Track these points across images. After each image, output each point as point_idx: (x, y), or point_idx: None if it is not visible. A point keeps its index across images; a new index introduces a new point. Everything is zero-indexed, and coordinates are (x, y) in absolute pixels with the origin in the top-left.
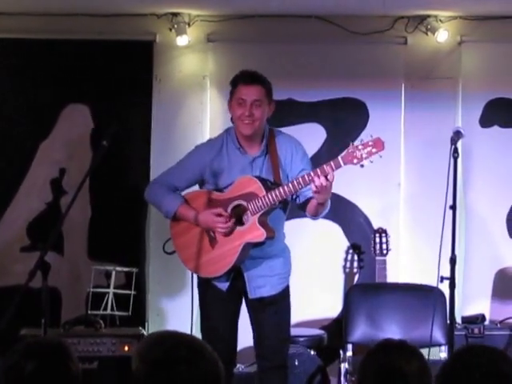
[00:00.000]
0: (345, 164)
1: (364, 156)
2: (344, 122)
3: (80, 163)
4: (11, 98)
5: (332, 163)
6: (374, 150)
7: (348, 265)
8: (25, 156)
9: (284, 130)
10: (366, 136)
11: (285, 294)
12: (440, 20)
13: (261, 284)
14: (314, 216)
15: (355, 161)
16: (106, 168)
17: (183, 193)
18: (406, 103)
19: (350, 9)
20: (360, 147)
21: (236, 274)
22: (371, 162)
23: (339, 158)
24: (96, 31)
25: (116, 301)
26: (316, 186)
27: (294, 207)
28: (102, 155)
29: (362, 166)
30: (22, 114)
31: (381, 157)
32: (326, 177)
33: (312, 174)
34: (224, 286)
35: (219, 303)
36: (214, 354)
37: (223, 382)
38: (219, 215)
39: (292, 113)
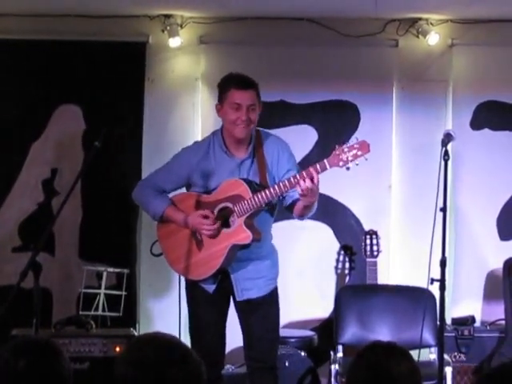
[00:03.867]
0: (330, 167)
1: (350, 159)
2: (335, 125)
3: (72, 164)
4: (3, 99)
5: (318, 166)
6: (359, 153)
7: (339, 266)
8: (17, 156)
9: (275, 131)
10: (354, 139)
11: (273, 296)
12: (431, 23)
13: (248, 286)
14: (301, 217)
15: (341, 163)
16: (97, 169)
17: (171, 195)
18: (397, 106)
19: (342, 11)
20: (345, 150)
21: (223, 277)
22: (357, 164)
23: (325, 160)
24: (89, 32)
25: (107, 301)
26: (302, 190)
27: (282, 209)
28: (93, 156)
29: (347, 168)
30: (13, 115)
31: (366, 159)
32: (311, 180)
33: (298, 176)
34: (211, 288)
35: (207, 305)
36: (196, 356)
37: None
38: (205, 217)
39: (284, 115)
